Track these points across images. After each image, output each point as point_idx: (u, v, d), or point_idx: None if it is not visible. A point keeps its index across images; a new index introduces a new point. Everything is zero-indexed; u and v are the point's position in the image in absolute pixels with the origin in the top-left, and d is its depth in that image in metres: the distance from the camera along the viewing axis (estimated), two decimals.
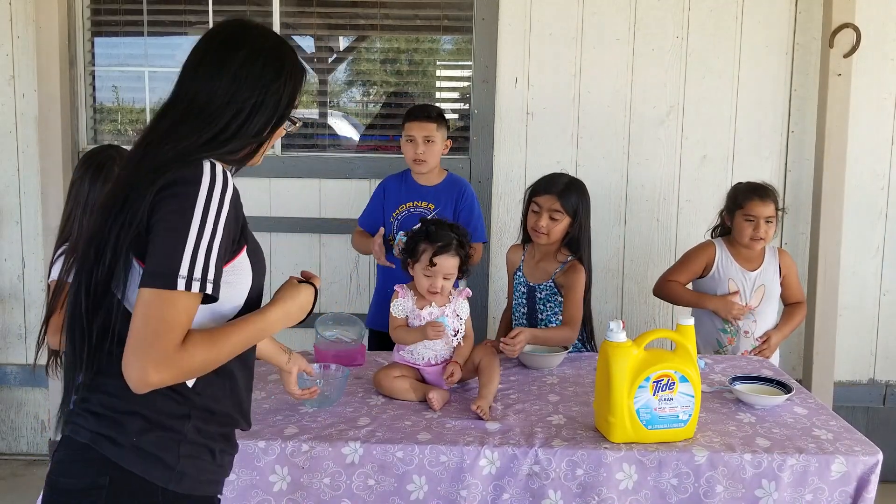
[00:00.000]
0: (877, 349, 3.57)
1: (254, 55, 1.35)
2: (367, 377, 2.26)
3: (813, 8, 3.37)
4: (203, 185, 1.25)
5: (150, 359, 1.18)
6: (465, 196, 2.91)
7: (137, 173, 1.28)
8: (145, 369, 1.18)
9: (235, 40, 1.37)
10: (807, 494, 1.77)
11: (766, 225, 2.73)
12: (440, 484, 1.80)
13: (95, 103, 3.62)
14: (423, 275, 2.16)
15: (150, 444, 1.29)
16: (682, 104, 3.44)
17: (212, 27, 1.42)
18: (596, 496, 1.78)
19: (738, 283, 2.80)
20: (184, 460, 1.31)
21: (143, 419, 1.29)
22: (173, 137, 1.31)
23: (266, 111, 1.36)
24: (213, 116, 1.32)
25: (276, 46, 1.39)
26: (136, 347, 1.20)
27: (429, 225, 2.22)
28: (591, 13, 3.40)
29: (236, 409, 1.42)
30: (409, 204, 2.89)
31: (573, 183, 2.65)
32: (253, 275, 1.39)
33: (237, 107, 1.33)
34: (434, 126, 2.82)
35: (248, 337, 1.34)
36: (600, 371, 1.87)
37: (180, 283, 1.20)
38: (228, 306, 1.35)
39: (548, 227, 2.58)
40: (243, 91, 1.33)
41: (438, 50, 3.69)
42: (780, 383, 2.17)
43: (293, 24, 3.57)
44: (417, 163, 2.83)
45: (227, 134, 1.32)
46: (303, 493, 1.80)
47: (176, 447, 1.30)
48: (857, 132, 3.39)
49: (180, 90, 1.36)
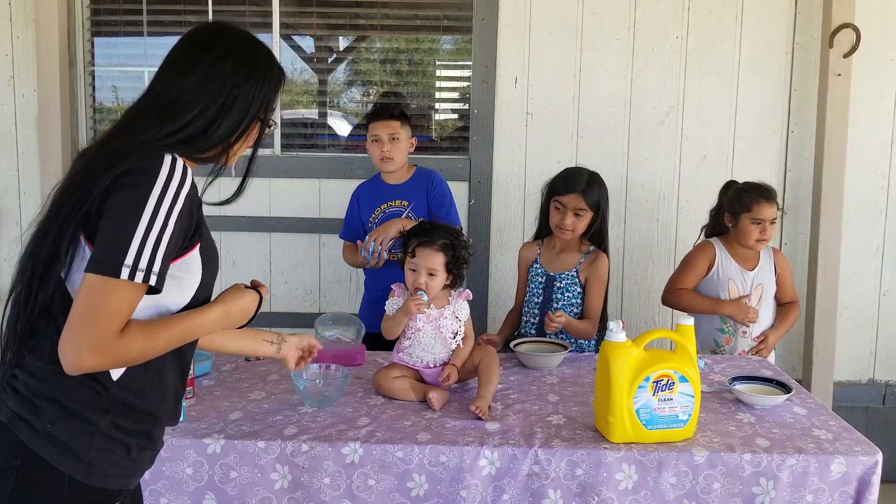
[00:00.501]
0: (876, 349, 3.57)
1: (225, 56, 1.36)
2: (366, 377, 2.26)
3: (813, 8, 3.37)
4: (160, 178, 1.25)
5: (87, 342, 1.20)
6: (434, 185, 2.91)
7: (95, 159, 1.29)
8: (80, 352, 1.20)
9: (209, 41, 1.38)
10: (807, 495, 1.77)
11: (770, 227, 2.74)
12: (440, 484, 1.80)
13: (95, 103, 3.62)
14: (408, 269, 2.16)
15: (63, 432, 1.29)
16: (681, 104, 3.44)
17: (190, 29, 1.43)
18: (595, 496, 1.78)
19: (738, 282, 2.79)
20: (95, 452, 1.30)
21: (60, 407, 1.29)
22: (135, 129, 1.32)
23: (235, 112, 1.36)
24: (177, 112, 1.33)
25: (249, 48, 1.40)
26: (75, 330, 1.21)
27: (423, 223, 2.22)
28: (591, 13, 3.40)
29: (161, 406, 1.40)
30: (384, 206, 2.89)
31: (593, 177, 2.66)
32: (203, 273, 1.39)
33: (203, 104, 1.34)
34: (398, 123, 2.82)
35: (184, 332, 1.35)
36: (600, 371, 1.87)
37: (124, 272, 1.21)
38: (174, 301, 1.36)
39: (573, 225, 2.60)
40: (211, 90, 1.34)
41: (438, 50, 3.68)
42: (779, 383, 2.17)
43: (293, 24, 3.57)
44: (385, 161, 2.83)
45: (191, 130, 1.33)
46: (304, 493, 1.80)
47: (89, 439, 1.30)
48: (856, 132, 3.39)
49: (151, 87, 1.37)
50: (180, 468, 1.81)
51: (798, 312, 2.95)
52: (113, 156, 1.27)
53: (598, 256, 2.64)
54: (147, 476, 1.78)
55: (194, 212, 1.34)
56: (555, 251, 2.71)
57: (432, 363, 2.18)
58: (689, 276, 2.84)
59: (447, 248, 2.14)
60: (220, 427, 1.89)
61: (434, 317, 2.17)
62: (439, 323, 2.17)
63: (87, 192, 1.25)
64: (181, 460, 1.81)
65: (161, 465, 1.80)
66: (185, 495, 1.82)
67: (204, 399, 2.09)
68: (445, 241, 2.14)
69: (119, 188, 1.24)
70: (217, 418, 1.95)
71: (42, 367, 1.30)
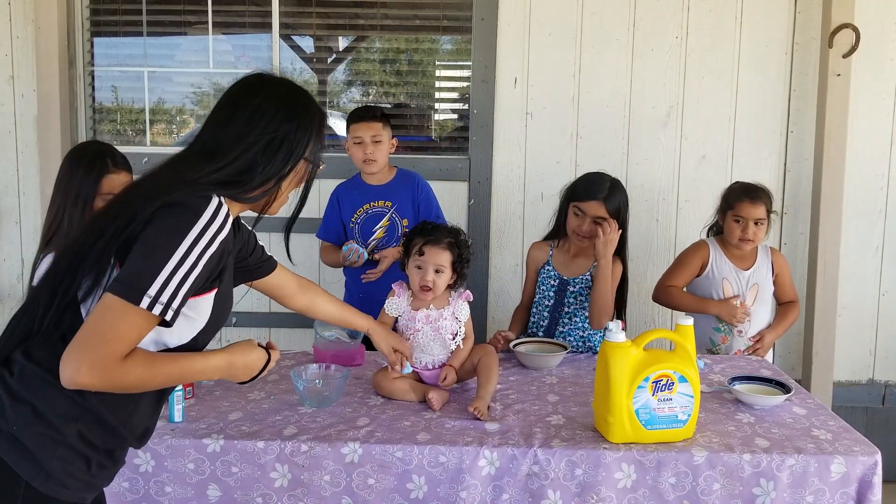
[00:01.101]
0: (876, 349, 3.57)
1: (266, 99, 1.40)
2: (366, 377, 2.26)
3: (812, 8, 3.37)
4: (203, 217, 1.28)
5: (89, 359, 1.21)
6: (420, 188, 2.92)
7: (140, 190, 1.31)
8: (80, 368, 1.21)
9: (251, 88, 1.42)
10: (807, 496, 1.77)
11: (755, 227, 2.73)
12: (439, 485, 1.80)
13: (95, 103, 3.62)
14: (414, 267, 2.16)
15: (29, 437, 1.29)
16: (681, 104, 3.44)
17: (234, 81, 1.48)
18: (595, 496, 1.78)
19: (733, 281, 2.80)
20: (56, 462, 1.30)
21: (31, 411, 1.29)
22: (180, 168, 1.34)
23: (279, 153, 1.38)
24: (221, 154, 1.35)
25: (289, 91, 1.44)
26: (81, 345, 1.22)
27: (426, 223, 2.22)
28: (591, 13, 3.40)
29: (130, 426, 1.40)
30: (367, 206, 2.89)
31: (615, 185, 2.62)
32: (210, 317, 1.40)
33: (246, 145, 1.36)
34: (380, 125, 2.82)
35: (183, 373, 1.37)
36: (599, 371, 1.87)
37: (145, 301, 1.23)
38: (175, 338, 1.37)
39: (591, 232, 2.56)
40: (254, 132, 1.37)
41: (438, 50, 3.69)
42: (779, 383, 2.17)
43: (293, 24, 3.57)
44: (367, 163, 2.83)
45: (234, 169, 1.35)
46: (303, 490, 1.80)
47: (52, 447, 1.30)
48: (856, 132, 3.39)
49: (197, 137, 1.41)
50: (181, 464, 1.81)
51: (797, 312, 2.95)
52: (159, 189, 1.29)
53: (614, 261, 2.57)
54: (150, 469, 1.79)
55: (224, 257, 1.36)
56: (569, 255, 2.69)
57: (431, 364, 2.18)
58: (680, 274, 2.85)
59: (452, 246, 2.15)
60: (220, 427, 1.89)
61: (433, 318, 2.17)
62: (438, 324, 2.17)
63: (131, 219, 1.27)
64: (182, 457, 1.81)
65: (163, 461, 1.81)
66: (188, 486, 1.82)
67: (204, 399, 2.08)
68: (451, 240, 2.15)
69: (161, 218, 1.26)
70: (216, 418, 1.95)
71: (31, 369, 1.30)
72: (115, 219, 1.28)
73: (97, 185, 2.06)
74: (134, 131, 3.67)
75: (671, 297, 2.85)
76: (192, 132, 3.71)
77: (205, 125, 1.42)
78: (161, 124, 3.71)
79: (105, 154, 2.12)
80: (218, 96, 1.47)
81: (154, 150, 3.57)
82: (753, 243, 2.76)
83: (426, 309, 2.17)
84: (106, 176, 2.07)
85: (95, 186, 2.06)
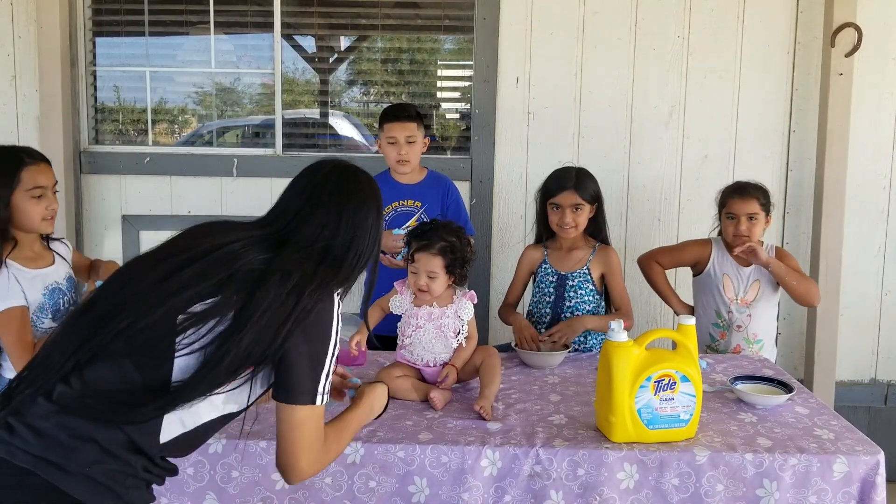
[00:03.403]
0: (878, 349, 3.56)
1: (361, 203, 1.61)
2: (368, 377, 2.26)
3: (814, 7, 3.37)
4: (336, 317, 1.50)
5: (309, 461, 1.46)
6: (450, 193, 2.92)
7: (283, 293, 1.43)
8: (305, 471, 1.47)
9: (347, 188, 1.63)
10: (810, 496, 1.77)
11: (748, 222, 2.73)
12: (441, 487, 1.79)
13: (97, 103, 3.62)
14: (411, 271, 2.17)
15: (102, 474, 1.30)
16: (683, 103, 3.44)
17: (316, 167, 1.73)
18: (597, 496, 1.78)
19: (733, 278, 2.80)
20: (130, 491, 1.35)
21: (98, 448, 1.30)
22: (307, 274, 1.47)
23: (371, 249, 1.61)
24: (340, 261, 1.54)
25: (374, 192, 1.65)
26: (299, 453, 1.44)
27: (426, 224, 2.22)
28: (593, 12, 3.40)
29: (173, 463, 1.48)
30: (396, 204, 2.88)
31: (581, 172, 2.68)
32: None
33: (356, 251, 1.56)
34: (415, 125, 2.81)
35: (355, 429, 1.66)
36: (601, 371, 1.87)
37: (319, 399, 1.46)
38: (236, 405, 1.49)
39: (574, 221, 2.61)
40: (359, 238, 1.57)
41: (439, 49, 3.69)
42: (781, 383, 2.17)
43: (294, 24, 3.57)
44: (401, 163, 2.82)
45: (349, 272, 1.55)
46: (305, 493, 1.80)
47: (124, 479, 1.33)
48: (858, 132, 3.38)
49: (301, 230, 1.55)
50: (181, 468, 1.81)
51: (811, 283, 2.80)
52: (299, 294, 1.43)
53: (608, 250, 2.67)
54: None
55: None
56: (563, 251, 2.71)
57: (432, 362, 2.18)
58: (671, 254, 2.93)
59: (445, 250, 2.13)
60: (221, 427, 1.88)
61: (436, 315, 2.17)
62: (441, 321, 2.17)
63: (282, 327, 1.40)
64: (182, 460, 1.81)
65: None
66: (185, 496, 1.82)
67: None
68: (444, 244, 2.13)
69: (309, 326, 1.43)
70: None
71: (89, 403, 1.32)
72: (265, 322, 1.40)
73: (15, 178, 2.09)
74: (136, 131, 3.67)
75: (651, 270, 2.94)
76: (193, 132, 3.71)
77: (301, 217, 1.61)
78: (163, 124, 3.71)
79: (20, 150, 2.17)
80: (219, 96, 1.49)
81: (156, 150, 3.57)
82: (749, 239, 2.74)
83: (428, 306, 2.18)
84: (25, 169, 2.11)
85: (13, 181, 2.09)
